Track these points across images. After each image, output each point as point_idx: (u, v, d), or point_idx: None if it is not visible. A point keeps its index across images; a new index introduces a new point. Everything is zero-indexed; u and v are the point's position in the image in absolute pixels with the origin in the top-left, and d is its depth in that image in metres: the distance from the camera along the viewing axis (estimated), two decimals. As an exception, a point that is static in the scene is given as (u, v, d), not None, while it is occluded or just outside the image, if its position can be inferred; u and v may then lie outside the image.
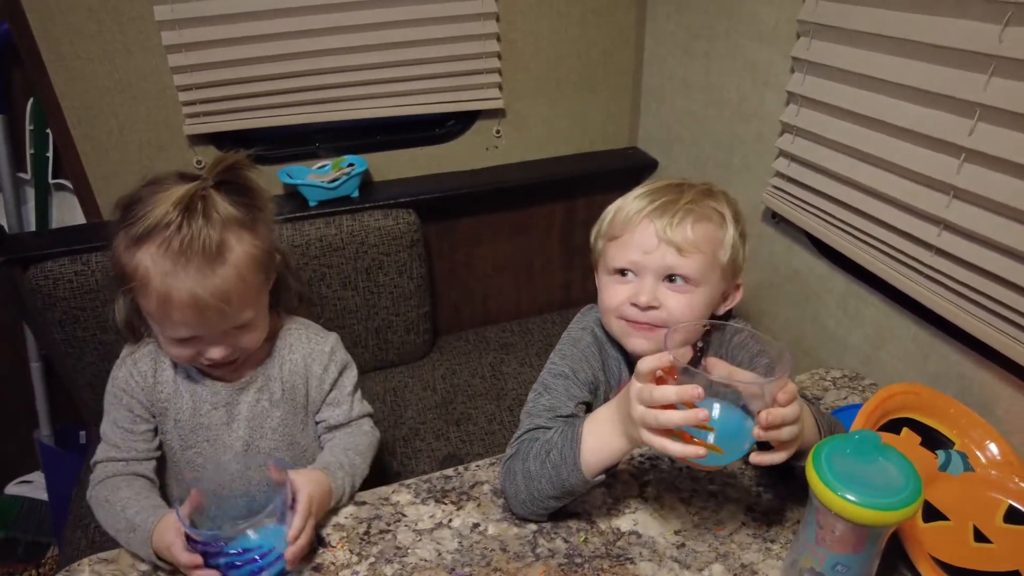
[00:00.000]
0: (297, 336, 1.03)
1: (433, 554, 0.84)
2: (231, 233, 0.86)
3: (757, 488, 0.93)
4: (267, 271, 0.94)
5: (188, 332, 0.87)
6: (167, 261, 0.82)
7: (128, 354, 0.98)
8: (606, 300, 0.94)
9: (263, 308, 0.95)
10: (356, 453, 0.99)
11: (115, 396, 0.97)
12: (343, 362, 1.05)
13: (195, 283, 0.83)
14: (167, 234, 0.82)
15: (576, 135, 1.71)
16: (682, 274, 0.88)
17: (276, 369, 1.01)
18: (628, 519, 0.88)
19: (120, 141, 1.40)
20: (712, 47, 1.40)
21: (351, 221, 1.43)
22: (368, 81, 1.46)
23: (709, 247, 0.89)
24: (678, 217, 0.88)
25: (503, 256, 1.78)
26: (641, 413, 0.70)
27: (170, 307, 0.84)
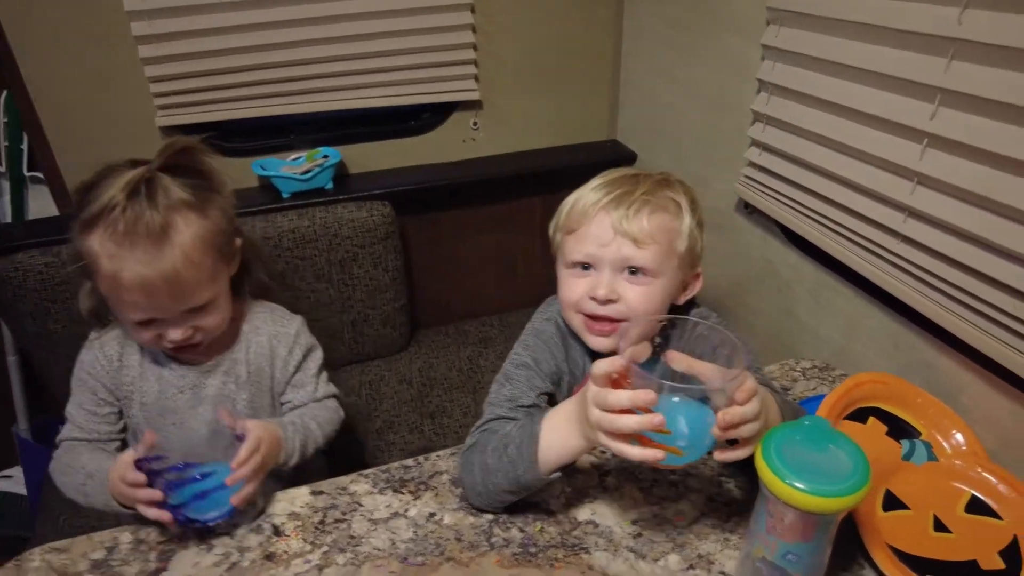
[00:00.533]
0: (263, 319, 1.04)
1: (387, 543, 0.84)
2: (179, 215, 0.87)
3: (719, 478, 0.91)
4: (222, 254, 0.94)
5: (142, 314, 0.88)
6: (112, 244, 0.84)
7: (95, 338, 1.00)
8: (565, 294, 0.93)
9: (223, 291, 0.95)
10: (311, 418, 1.01)
11: (80, 379, 0.99)
12: (308, 344, 1.07)
13: (142, 265, 0.84)
14: (112, 217, 0.83)
15: (555, 128, 1.70)
16: (639, 266, 0.87)
17: (242, 352, 1.01)
18: (586, 509, 0.87)
19: (92, 133, 1.40)
20: (688, 38, 1.39)
21: (324, 213, 1.42)
22: (342, 72, 1.46)
23: (665, 237, 0.88)
24: (634, 208, 0.87)
25: (484, 250, 1.77)
26: (597, 417, 0.69)
27: (120, 289, 0.85)
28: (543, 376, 0.96)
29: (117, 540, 0.86)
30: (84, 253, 0.86)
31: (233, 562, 0.82)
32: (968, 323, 0.88)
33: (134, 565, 0.83)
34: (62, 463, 0.97)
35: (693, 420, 0.69)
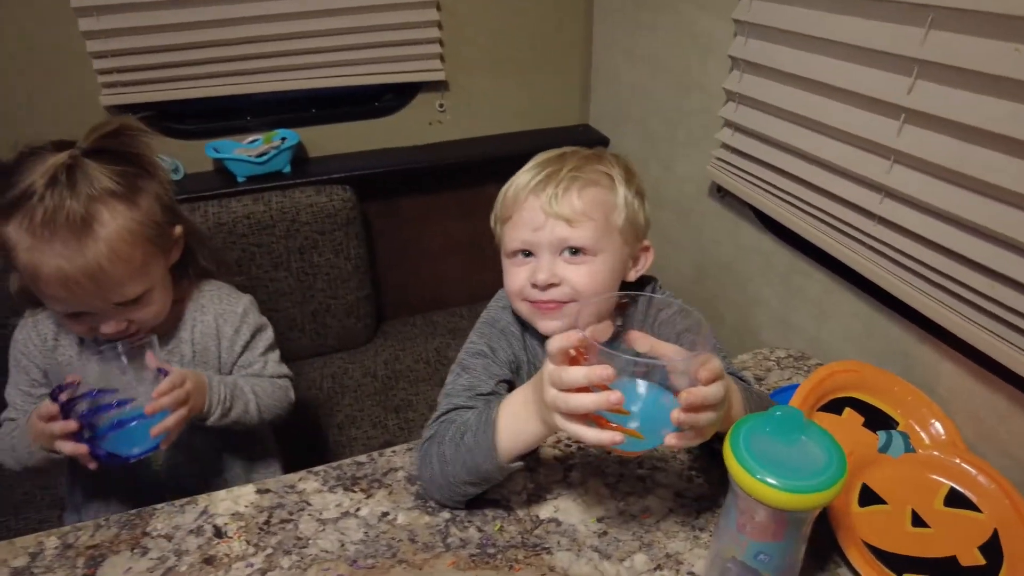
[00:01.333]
0: (209, 297, 0.99)
1: (335, 545, 0.78)
2: (103, 205, 0.81)
3: (689, 472, 0.87)
4: (156, 245, 0.87)
5: (66, 308, 0.83)
6: (29, 235, 0.78)
7: (30, 315, 0.95)
8: (508, 284, 0.90)
9: (158, 282, 0.89)
10: (246, 381, 0.97)
11: (15, 359, 0.95)
12: (256, 324, 1.02)
13: (60, 258, 0.78)
14: (30, 205, 0.77)
15: (525, 111, 1.64)
16: (577, 245, 0.83)
17: (187, 331, 0.97)
18: (549, 506, 0.83)
19: (31, 113, 1.32)
20: (657, 18, 1.34)
21: (281, 197, 1.36)
22: (301, 50, 1.39)
23: (600, 212, 0.84)
24: (562, 187, 0.83)
25: (451, 238, 1.71)
26: (552, 397, 0.64)
27: (39, 282, 0.80)
28: (500, 364, 0.92)
29: (42, 545, 0.79)
30: (2, 241, 0.80)
31: (169, 567, 0.76)
32: (946, 308, 0.84)
33: (60, 572, 0.76)
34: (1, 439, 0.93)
35: (652, 403, 0.65)
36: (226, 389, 0.93)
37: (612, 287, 0.87)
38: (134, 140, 0.85)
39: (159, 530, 0.80)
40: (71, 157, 0.80)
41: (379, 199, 1.54)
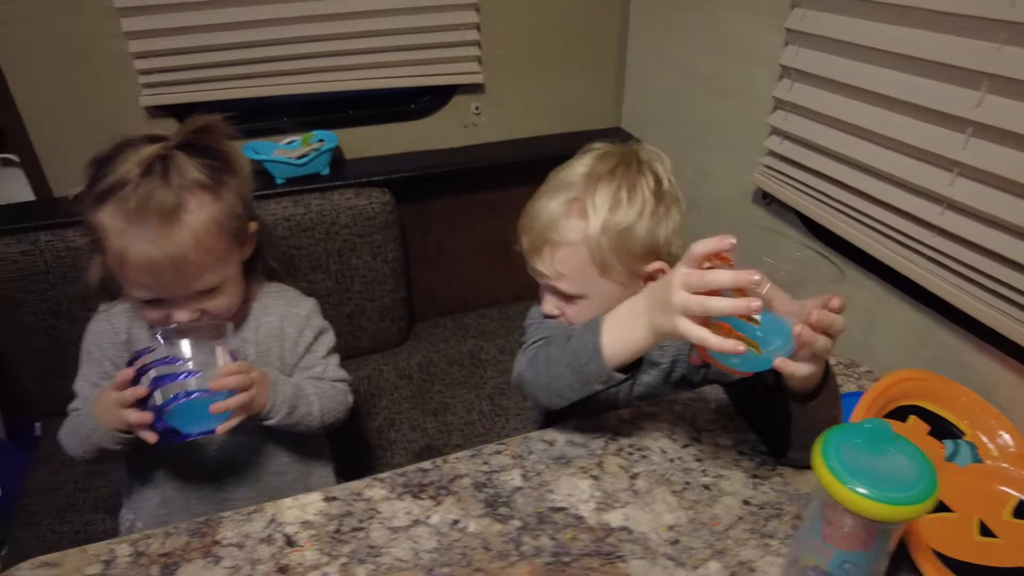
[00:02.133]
0: (274, 299, 1.02)
1: (410, 553, 0.78)
2: (191, 196, 0.84)
3: (752, 480, 0.88)
4: (234, 237, 0.90)
5: (148, 294, 0.86)
6: (122, 220, 0.81)
7: (104, 310, 0.98)
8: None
9: (233, 275, 0.92)
10: (308, 383, 0.99)
11: (87, 351, 0.97)
12: (319, 327, 1.04)
13: (149, 243, 0.81)
14: (124, 193, 0.80)
15: (558, 113, 1.64)
16: (563, 293, 0.90)
17: (251, 332, 0.99)
18: (618, 514, 0.83)
19: (70, 112, 1.31)
20: (697, 20, 1.34)
21: (321, 200, 1.36)
22: (340, 52, 1.39)
23: (571, 268, 0.88)
24: (535, 246, 0.90)
25: (480, 240, 1.71)
26: (684, 299, 0.65)
27: (125, 267, 0.83)
28: None
29: (114, 553, 0.79)
30: (93, 227, 0.84)
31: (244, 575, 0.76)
32: (1010, 317, 0.85)
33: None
34: (68, 423, 0.95)
35: (768, 324, 0.66)
36: (291, 389, 0.94)
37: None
38: (220, 137, 0.89)
39: (229, 538, 0.80)
40: (164, 148, 0.83)
41: (411, 201, 1.54)
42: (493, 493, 0.86)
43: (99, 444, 0.89)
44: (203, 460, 1.00)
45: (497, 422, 1.39)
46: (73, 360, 1.33)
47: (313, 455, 1.07)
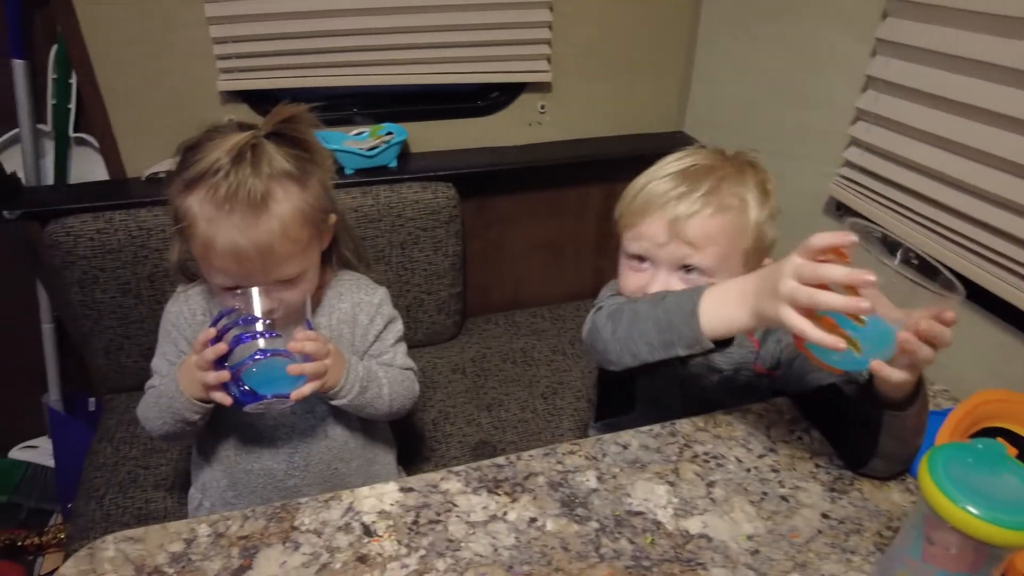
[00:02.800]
0: (347, 286, 1.02)
1: (489, 549, 0.78)
2: (279, 185, 0.84)
3: (831, 493, 0.86)
4: (317, 228, 0.90)
5: (230, 281, 0.86)
6: (211, 207, 0.81)
7: (183, 290, 0.99)
8: (622, 283, 0.93)
9: (312, 265, 0.92)
10: (380, 367, 0.99)
11: (165, 330, 0.98)
12: (389, 316, 1.04)
13: (237, 232, 0.81)
14: (215, 180, 0.81)
15: (620, 115, 1.63)
16: (696, 266, 0.86)
17: (324, 318, 1.00)
18: (697, 521, 0.82)
19: (148, 94, 1.33)
20: (776, 28, 1.33)
21: (389, 192, 1.36)
22: (412, 45, 1.39)
23: (726, 238, 0.86)
24: (693, 208, 0.84)
25: (535, 238, 1.71)
26: (793, 288, 0.65)
27: (211, 253, 0.83)
28: None
29: (195, 532, 0.80)
30: (182, 212, 0.84)
31: (323, 563, 0.77)
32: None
33: (216, 561, 0.77)
34: (146, 402, 0.96)
35: (874, 324, 0.65)
36: (363, 371, 0.95)
37: None
38: (306, 127, 0.88)
39: (307, 525, 0.81)
40: (254, 137, 0.83)
41: (472, 197, 1.54)
42: (569, 493, 0.85)
43: (178, 414, 0.90)
44: (272, 443, 1.00)
45: (551, 421, 1.39)
46: (139, 339, 1.37)
47: (378, 443, 1.08)
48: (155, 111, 1.34)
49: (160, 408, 0.92)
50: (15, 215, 1.25)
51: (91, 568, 0.76)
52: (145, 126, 1.35)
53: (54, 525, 1.68)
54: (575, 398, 1.44)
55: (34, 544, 1.63)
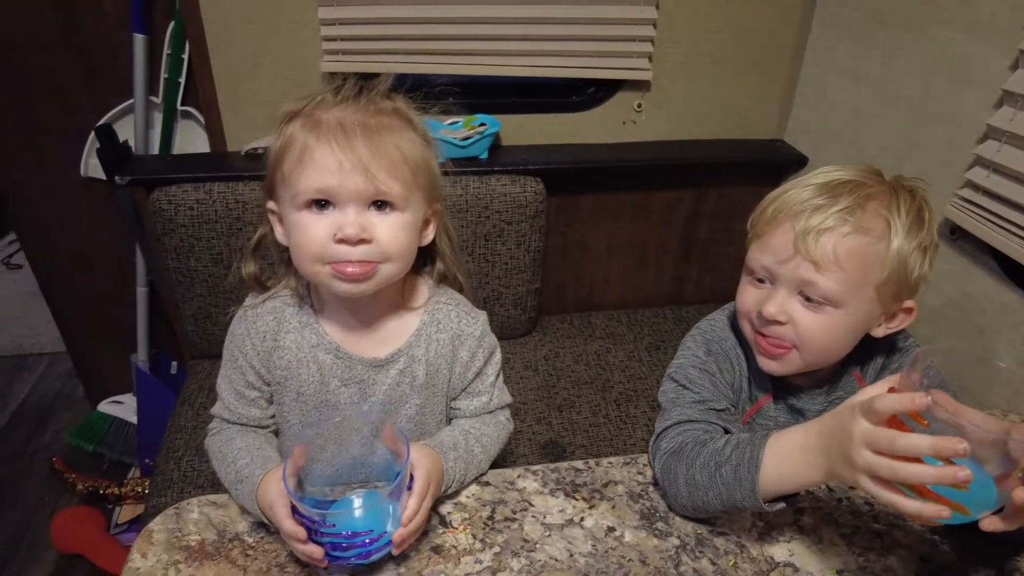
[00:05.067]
0: (446, 313, 0.89)
1: (564, 554, 0.76)
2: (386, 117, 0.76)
3: (931, 537, 0.81)
4: (423, 180, 0.79)
5: (321, 183, 0.72)
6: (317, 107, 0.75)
7: (249, 306, 0.86)
8: (738, 300, 0.86)
9: (413, 221, 0.78)
10: (476, 441, 0.87)
11: (231, 353, 0.87)
12: (491, 348, 0.92)
13: (344, 112, 0.74)
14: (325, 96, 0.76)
15: (718, 119, 1.58)
16: (819, 292, 0.77)
17: (422, 349, 0.87)
18: (783, 548, 0.78)
19: (253, 72, 1.36)
20: (898, 36, 1.25)
21: (478, 184, 1.36)
22: (514, 36, 1.38)
23: (856, 264, 0.76)
24: (826, 224, 0.75)
25: (617, 239, 1.67)
26: (871, 461, 0.59)
27: (312, 138, 0.72)
28: (724, 386, 0.90)
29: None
30: (276, 147, 0.76)
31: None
32: None
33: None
34: (215, 447, 0.87)
35: (976, 475, 0.57)
36: (460, 466, 0.82)
37: (844, 345, 0.82)
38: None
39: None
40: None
41: (558, 194, 1.52)
42: (649, 506, 0.83)
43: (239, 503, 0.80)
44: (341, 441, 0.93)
45: (623, 429, 1.36)
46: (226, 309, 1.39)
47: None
48: (259, 89, 1.38)
49: (238, 497, 0.80)
50: (125, 181, 1.31)
51: (177, 527, 0.78)
52: (248, 103, 1.39)
53: (132, 478, 1.76)
54: (649, 407, 1.40)
55: (114, 494, 1.70)
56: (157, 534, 0.77)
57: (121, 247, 1.61)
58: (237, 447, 0.84)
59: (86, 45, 1.39)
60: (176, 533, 0.77)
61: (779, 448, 0.70)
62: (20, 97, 1.42)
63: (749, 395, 0.91)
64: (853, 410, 0.62)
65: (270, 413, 0.90)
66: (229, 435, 0.87)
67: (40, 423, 2.02)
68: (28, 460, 1.89)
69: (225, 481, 0.82)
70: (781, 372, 0.85)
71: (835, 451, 0.63)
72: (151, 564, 0.73)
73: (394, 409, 0.88)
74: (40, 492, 1.79)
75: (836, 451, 0.63)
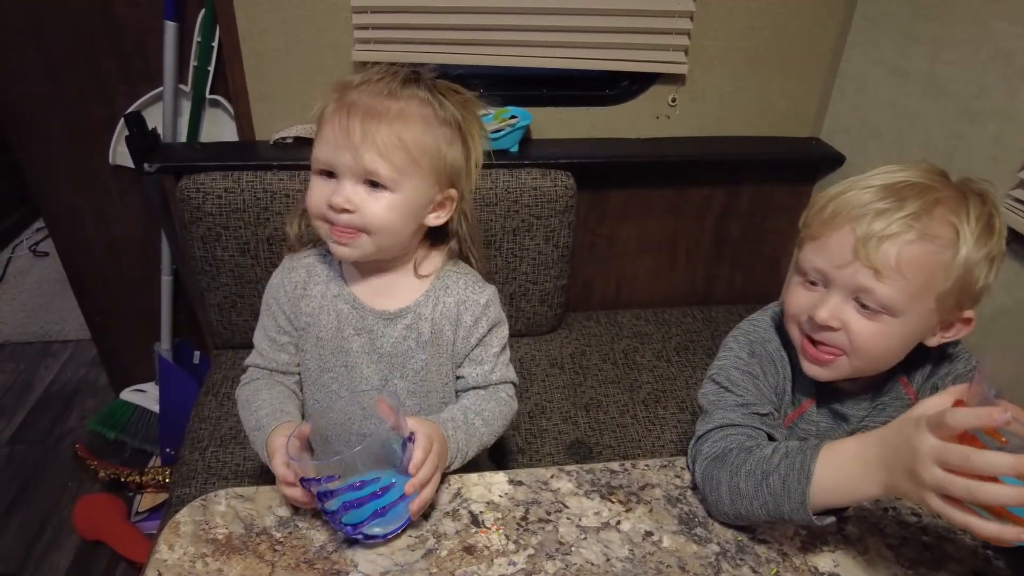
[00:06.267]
0: (455, 280, 0.94)
1: (600, 558, 0.74)
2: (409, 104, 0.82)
3: (984, 552, 0.77)
4: (431, 173, 0.84)
5: (330, 150, 0.81)
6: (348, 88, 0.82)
7: (289, 259, 0.97)
8: (786, 301, 0.82)
9: (404, 200, 0.83)
10: (476, 415, 0.91)
11: (266, 303, 0.96)
12: (495, 319, 0.96)
13: (361, 95, 0.81)
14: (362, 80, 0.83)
15: (754, 115, 1.54)
16: (876, 300, 0.73)
17: (428, 309, 0.93)
18: (827, 559, 0.75)
19: (284, 60, 1.35)
20: (947, 31, 1.21)
21: (507, 177, 1.34)
22: (548, 27, 1.35)
23: (920, 273, 0.72)
24: (890, 230, 0.71)
25: (648, 236, 1.64)
26: (942, 479, 0.56)
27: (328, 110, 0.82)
28: (767, 389, 0.86)
29: (305, 498, 0.80)
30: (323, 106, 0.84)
31: (429, 548, 0.75)
32: None
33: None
34: (243, 396, 0.94)
35: None
36: (460, 435, 0.86)
37: (897, 354, 0.78)
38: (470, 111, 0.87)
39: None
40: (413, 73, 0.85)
41: (589, 189, 1.49)
42: (688, 511, 0.80)
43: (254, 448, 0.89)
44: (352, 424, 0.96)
45: (652, 430, 1.33)
46: (251, 299, 1.40)
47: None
48: (289, 77, 1.36)
49: (247, 428, 0.91)
50: (153, 169, 1.30)
51: (204, 519, 0.77)
52: (278, 91, 1.38)
53: (152, 467, 1.76)
54: (679, 409, 1.37)
55: (135, 482, 1.70)
56: (184, 526, 0.76)
57: (147, 236, 1.61)
58: (262, 398, 0.92)
59: (119, 33, 1.38)
60: (203, 525, 0.76)
61: (833, 459, 0.67)
62: (54, 85, 1.42)
63: (792, 399, 0.88)
64: (918, 423, 0.59)
65: (297, 360, 0.98)
66: (257, 386, 0.94)
67: (65, 409, 2.03)
68: (53, 445, 1.90)
69: (246, 427, 0.91)
70: (828, 378, 0.82)
71: (898, 466, 0.60)
72: (178, 556, 0.72)
73: (401, 363, 0.94)
74: (64, 477, 1.80)
75: (899, 466, 0.60)
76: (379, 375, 0.94)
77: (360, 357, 0.93)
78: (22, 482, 1.79)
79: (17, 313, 2.44)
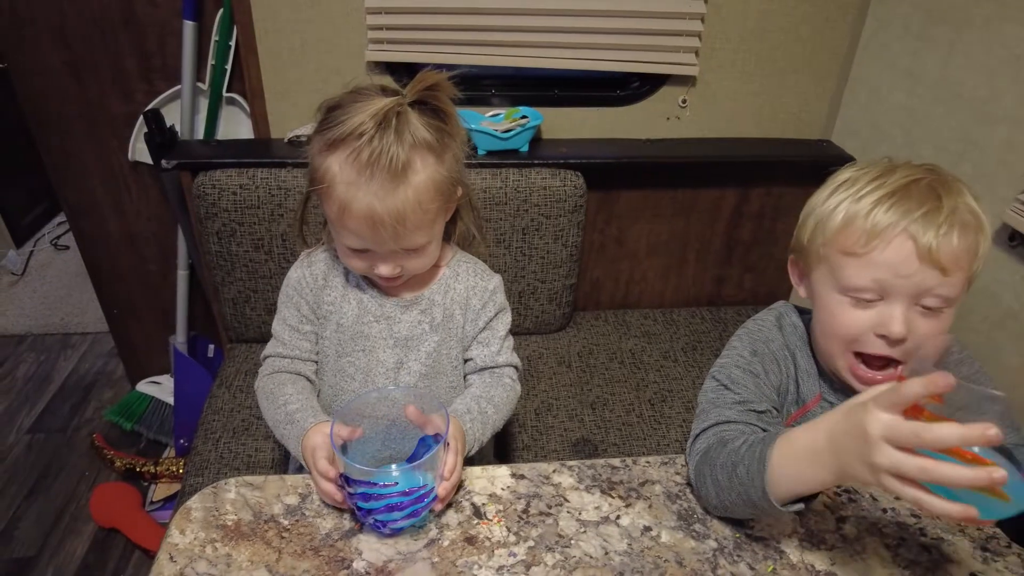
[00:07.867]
0: (464, 268, 1.02)
1: (599, 551, 0.75)
2: (418, 155, 0.83)
3: (982, 553, 0.78)
4: (446, 200, 0.89)
5: (360, 244, 0.87)
6: (352, 171, 0.82)
7: (306, 256, 1.01)
8: (838, 326, 0.80)
9: (436, 236, 0.92)
10: (488, 402, 0.96)
11: (287, 295, 1.00)
12: (501, 305, 1.03)
13: (374, 197, 0.82)
14: (358, 144, 0.80)
15: (764, 117, 1.54)
16: (942, 296, 0.74)
17: (440, 295, 1.00)
18: (824, 557, 0.76)
19: (300, 59, 1.37)
20: (959, 35, 1.21)
21: (518, 176, 1.35)
22: (558, 29, 1.37)
23: (969, 260, 0.74)
24: (944, 229, 0.72)
25: (657, 237, 1.65)
26: (896, 460, 0.56)
27: (347, 216, 0.84)
28: (770, 387, 0.87)
29: (311, 488, 0.82)
30: (320, 172, 0.84)
31: (432, 538, 0.76)
32: None
33: (328, 520, 0.78)
34: (266, 388, 0.97)
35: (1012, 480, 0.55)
36: (476, 426, 0.91)
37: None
38: (446, 97, 0.86)
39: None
40: (399, 104, 0.82)
41: (598, 189, 1.50)
42: (687, 507, 0.81)
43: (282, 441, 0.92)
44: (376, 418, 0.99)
45: (658, 429, 1.34)
46: (265, 294, 1.42)
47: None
48: (304, 76, 1.39)
49: (282, 438, 0.92)
50: (171, 165, 1.33)
51: (214, 506, 0.79)
52: (293, 90, 1.40)
53: (167, 458, 1.79)
54: (684, 408, 1.38)
55: (150, 472, 1.74)
56: (195, 512, 0.78)
57: (164, 231, 1.64)
58: (288, 392, 0.94)
59: (140, 32, 1.41)
60: (213, 512, 0.78)
61: (787, 448, 0.68)
62: (77, 83, 1.45)
63: (796, 397, 0.89)
64: (865, 406, 0.59)
65: (316, 348, 1.02)
66: (281, 379, 0.97)
67: (83, 399, 2.07)
68: (72, 434, 1.94)
69: (271, 420, 0.94)
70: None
71: (849, 451, 0.61)
72: (189, 541, 0.74)
73: (415, 346, 0.99)
74: (82, 466, 1.84)
75: (851, 451, 0.61)
76: (394, 358, 1.00)
77: (378, 342, 0.99)
78: (41, 470, 1.83)
79: (38, 305, 2.49)
